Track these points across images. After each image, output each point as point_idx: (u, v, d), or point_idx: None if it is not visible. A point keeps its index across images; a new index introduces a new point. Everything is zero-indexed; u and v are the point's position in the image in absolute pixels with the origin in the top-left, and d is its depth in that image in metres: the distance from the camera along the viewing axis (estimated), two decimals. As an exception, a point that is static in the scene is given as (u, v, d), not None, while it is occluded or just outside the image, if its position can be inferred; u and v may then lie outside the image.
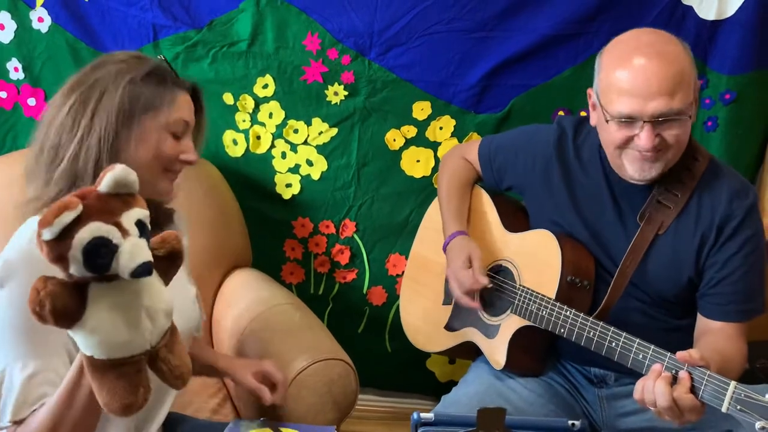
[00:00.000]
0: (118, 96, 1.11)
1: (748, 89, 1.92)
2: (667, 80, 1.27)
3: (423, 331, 1.74)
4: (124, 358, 0.84)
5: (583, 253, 1.46)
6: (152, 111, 1.14)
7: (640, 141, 1.29)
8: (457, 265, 1.53)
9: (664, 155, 1.33)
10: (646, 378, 1.18)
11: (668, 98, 1.27)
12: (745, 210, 1.37)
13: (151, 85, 1.14)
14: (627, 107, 1.29)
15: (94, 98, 1.11)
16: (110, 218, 0.81)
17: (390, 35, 1.92)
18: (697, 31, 1.89)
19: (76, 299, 0.82)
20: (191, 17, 1.94)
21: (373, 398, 2.22)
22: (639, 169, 1.34)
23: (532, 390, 1.49)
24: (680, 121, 1.29)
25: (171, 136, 1.16)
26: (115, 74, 1.13)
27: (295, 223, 2.08)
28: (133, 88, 1.13)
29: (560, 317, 1.38)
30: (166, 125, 1.15)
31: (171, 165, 1.18)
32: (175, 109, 1.16)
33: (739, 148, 1.97)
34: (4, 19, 1.94)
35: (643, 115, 1.28)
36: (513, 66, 1.94)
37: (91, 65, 1.16)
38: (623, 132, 1.31)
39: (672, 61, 1.28)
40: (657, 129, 1.29)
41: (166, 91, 1.15)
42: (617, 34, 1.35)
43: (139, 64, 1.16)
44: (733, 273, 1.37)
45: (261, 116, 2.01)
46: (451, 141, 2.00)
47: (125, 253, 0.80)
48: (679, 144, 1.33)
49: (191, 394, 1.61)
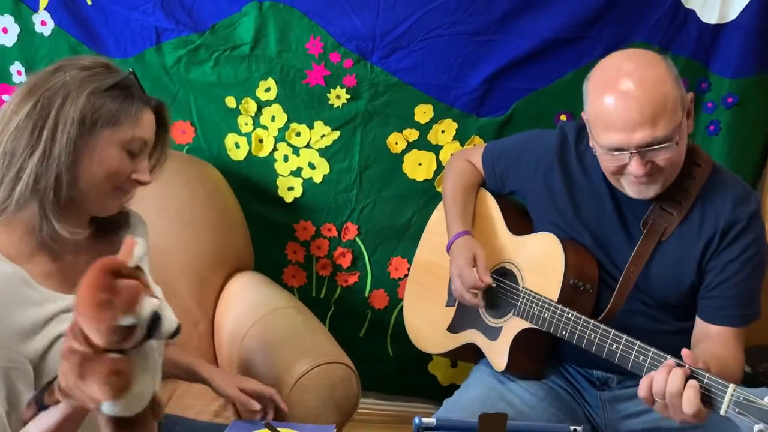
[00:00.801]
0: (81, 105, 1.06)
1: (751, 93, 1.92)
2: (648, 110, 1.26)
3: (426, 332, 1.75)
4: (144, 409, 0.89)
5: (586, 257, 1.46)
6: (113, 126, 1.08)
7: (632, 169, 1.31)
8: (462, 263, 1.54)
9: (660, 177, 1.34)
10: (657, 371, 1.17)
11: (651, 127, 1.27)
12: (749, 216, 1.37)
13: (115, 99, 1.09)
14: (613, 141, 1.30)
15: (56, 104, 1.05)
16: (148, 290, 0.85)
17: (392, 39, 1.93)
18: (699, 35, 1.89)
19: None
20: (194, 21, 1.94)
21: (374, 402, 2.22)
22: (637, 192, 1.36)
23: (534, 393, 1.49)
24: (668, 146, 1.29)
25: (127, 153, 1.11)
26: (79, 81, 1.07)
27: (297, 226, 2.09)
28: (95, 99, 1.07)
29: (562, 320, 1.38)
30: (124, 142, 1.10)
31: (122, 184, 1.13)
32: (137, 126, 1.11)
33: (741, 151, 1.97)
34: (7, 22, 1.95)
35: (629, 146, 1.29)
36: (515, 69, 1.94)
37: (53, 67, 1.10)
38: (615, 162, 1.33)
39: (652, 86, 1.28)
40: (646, 157, 1.29)
41: (130, 107, 1.10)
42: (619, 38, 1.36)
43: (105, 73, 1.10)
44: (733, 277, 1.37)
45: (263, 119, 2.01)
46: (453, 144, 2.00)
47: (166, 320, 0.86)
48: (673, 165, 1.34)
49: (192, 397, 1.61)
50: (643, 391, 1.18)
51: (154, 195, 1.20)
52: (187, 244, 1.81)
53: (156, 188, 1.19)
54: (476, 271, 1.51)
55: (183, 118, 2.02)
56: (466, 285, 1.53)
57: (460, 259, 1.55)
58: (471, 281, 1.51)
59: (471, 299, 1.54)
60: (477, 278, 1.50)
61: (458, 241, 1.59)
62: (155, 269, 1.32)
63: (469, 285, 1.52)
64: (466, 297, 1.54)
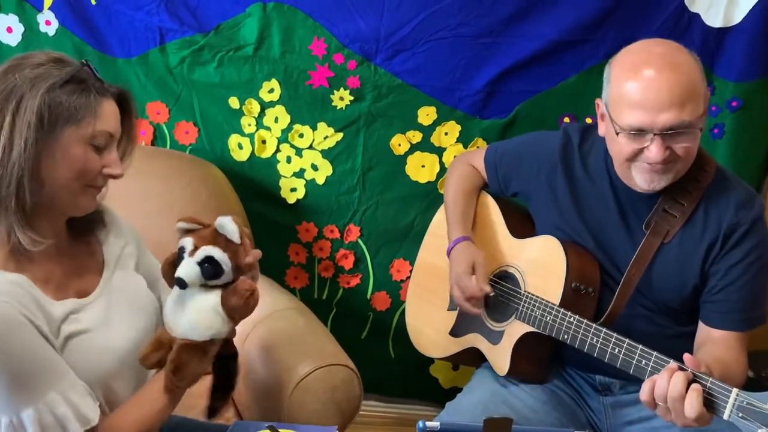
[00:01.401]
0: (37, 105, 1.01)
1: (755, 97, 1.92)
2: (678, 92, 1.26)
3: (428, 336, 1.74)
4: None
5: (588, 260, 1.46)
6: (73, 123, 1.03)
7: (650, 154, 1.29)
8: (461, 272, 1.53)
9: (674, 167, 1.32)
10: (659, 375, 1.16)
11: (679, 110, 1.26)
12: (752, 220, 1.37)
13: (71, 94, 1.03)
14: (637, 120, 1.28)
15: (10, 107, 1.01)
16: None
17: (396, 40, 1.92)
18: (703, 39, 1.88)
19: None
20: (198, 21, 1.94)
21: (376, 404, 2.21)
22: (648, 181, 1.34)
23: (537, 397, 1.48)
24: (691, 133, 1.28)
25: (93, 149, 1.07)
26: (32, 80, 1.02)
27: (300, 227, 2.08)
28: (51, 97, 1.02)
29: (564, 323, 1.38)
30: (87, 138, 1.05)
31: (93, 181, 1.09)
32: (99, 119, 1.06)
33: (745, 155, 1.97)
34: (11, 21, 1.95)
35: (653, 127, 1.27)
36: (519, 72, 1.94)
37: (4, 68, 1.05)
38: (633, 145, 1.30)
39: (683, 72, 1.27)
40: (667, 141, 1.28)
41: (88, 100, 1.04)
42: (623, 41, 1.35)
43: (57, 68, 1.05)
44: (736, 281, 1.37)
45: (266, 120, 2.01)
46: (456, 146, 2.00)
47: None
48: (689, 156, 1.32)
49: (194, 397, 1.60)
50: (645, 395, 1.17)
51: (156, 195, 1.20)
52: (189, 245, 1.81)
53: (159, 188, 1.19)
54: (475, 279, 1.51)
55: (186, 118, 2.02)
56: (465, 294, 1.52)
57: (458, 267, 1.54)
58: (470, 291, 1.51)
59: (470, 308, 1.53)
60: (475, 287, 1.50)
61: (457, 247, 1.58)
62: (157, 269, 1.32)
63: (468, 294, 1.52)
64: (465, 306, 1.54)
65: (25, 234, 1.04)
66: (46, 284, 1.09)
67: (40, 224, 1.07)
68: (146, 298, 1.27)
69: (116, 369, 1.14)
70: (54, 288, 1.11)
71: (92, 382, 1.10)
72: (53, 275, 1.11)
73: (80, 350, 1.09)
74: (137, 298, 1.24)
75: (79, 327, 1.10)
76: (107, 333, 1.14)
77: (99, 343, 1.12)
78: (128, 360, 1.16)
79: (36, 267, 1.09)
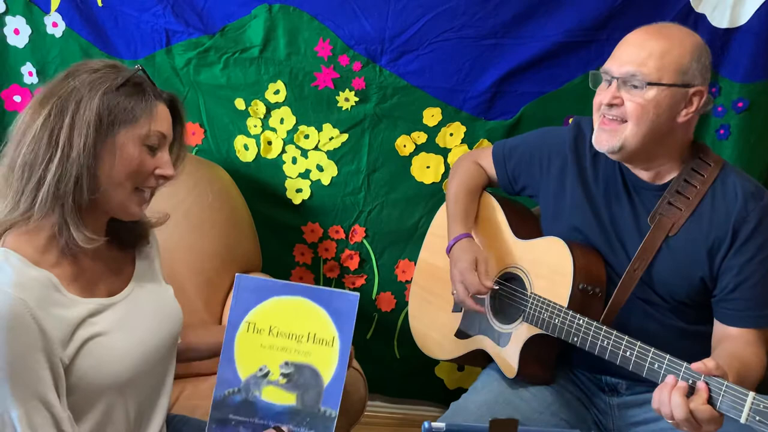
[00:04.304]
0: (95, 107, 1.06)
1: (761, 97, 1.91)
2: (647, 48, 1.34)
3: (433, 338, 1.74)
4: None
5: (594, 259, 1.45)
6: (129, 123, 1.09)
7: (601, 96, 1.37)
8: (464, 268, 1.50)
9: (623, 128, 1.36)
10: (661, 389, 1.17)
11: (641, 63, 1.34)
12: (761, 212, 1.36)
13: (128, 96, 1.09)
14: (606, 65, 1.38)
15: (70, 109, 1.06)
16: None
17: (401, 42, 1.93)
18: (709, 39, 1.88)
19: None
20: (204, 23, 1.95)
21: (381, 405, 2.22)
22: (596, 138, 1.40)
23: (543, 398, 1.48)
24: (647, 91, 1.32)
25: (147, 149, 1.12)
26: (90, 83, 1.08)
27: (305, 228, 2.09)
28: (109, 99, 1.08)
29: (573, 326, 1.37)
30: (142, 138, 1.10)
31: (145, 181, 1.13)
32: (153, 121, 1.11)
33: (751, 156, 1.96)
34: (19, 23, 1.96)
35: (612, 71, 1.36)
36: (524, 73, 1.94)
37: (63, 74, 1.11)
38: (600, 94, 1.39)
39: (663, 36, 1.35)
40: (622, 90, 1.35)
41: (143, 102, 1.11)
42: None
43: (114, 73, 1.11)
44: (750, 278, 1.36)
45: (272, 122, 2.01)
46: (461, 147, 2.00)
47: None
48: (639, 117, 1.34)
49: (199, 398, 1.61)
50: (655, 404, 1.17)
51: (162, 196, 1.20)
52: (195, 246, 1.82)
53: (164, 189, 1.19)
54: (478, 275, 1.49)
55: (192, 119, 2.02)
56: (470, 290, 1.50)
57: (461, 264, 1.52)
58: (474, 287, 1.48)
59: (473, 305, 1.50)
60: (480, 283, 1.48)
61: (458, 244, 1.56)
62: (163, 269, 1.33)
63: (473, 290, 1.49)
64: (468, 303, 1.50)
65: (79, 231, 1.08)
66: (74, 281, 1.10)
67: (86, 222, 1.10)
68: (171, 307, 1.28)
69: (129, 375, 1.13)
70: (82, 286, 1.11)
71: (104, 387, 1.10)
72: (84, 274, 1.13)
73: (94, 353, 1.09)
74: (164, 307, 1.26)
75: (95, 330, 1.10)
76: (125, 336, 1.14)
77: (115, 345, 1.12)
78: (144, 367, 1.16)
79: (70, 263, 1.10)
